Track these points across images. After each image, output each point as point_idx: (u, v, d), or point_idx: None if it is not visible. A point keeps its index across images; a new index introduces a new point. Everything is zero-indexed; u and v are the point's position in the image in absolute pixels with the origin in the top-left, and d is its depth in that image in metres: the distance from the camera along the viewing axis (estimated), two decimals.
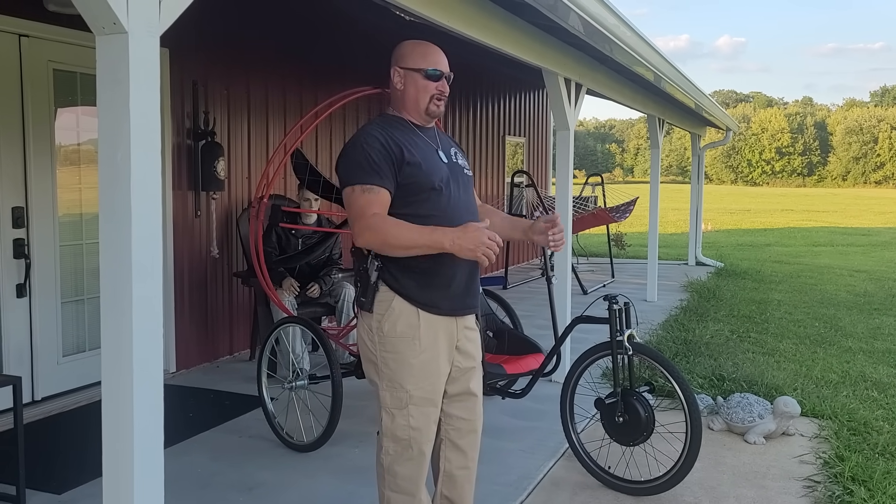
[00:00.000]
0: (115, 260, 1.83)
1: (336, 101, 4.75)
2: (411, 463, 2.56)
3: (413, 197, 2.49)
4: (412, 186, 2.49)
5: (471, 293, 2.65)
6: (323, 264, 5.70)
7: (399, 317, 2.50)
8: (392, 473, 2.59)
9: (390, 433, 2.55)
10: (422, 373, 2.52)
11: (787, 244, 18.01)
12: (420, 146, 2.56)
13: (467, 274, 2.60)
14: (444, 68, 2.59)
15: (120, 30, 1.77)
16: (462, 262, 2.51)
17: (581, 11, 4.11)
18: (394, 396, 2.53)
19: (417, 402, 2.52)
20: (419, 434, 2.54)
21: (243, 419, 4.60)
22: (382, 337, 2.53)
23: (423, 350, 2.51)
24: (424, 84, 2.56)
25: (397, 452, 2.56)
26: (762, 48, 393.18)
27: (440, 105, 2.60)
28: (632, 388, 3.61)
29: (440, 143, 2.66)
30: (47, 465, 3.83)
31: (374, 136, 2.49)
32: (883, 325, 7.71)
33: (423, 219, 2.46)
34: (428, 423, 2.56)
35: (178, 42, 5.41)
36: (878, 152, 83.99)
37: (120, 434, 1.85)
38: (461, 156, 2.74)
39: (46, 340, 4.76)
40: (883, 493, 3.52)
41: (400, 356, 2.51)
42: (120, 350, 1.83)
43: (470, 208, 2.64)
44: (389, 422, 2.55)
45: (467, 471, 2.78)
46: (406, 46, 2.62)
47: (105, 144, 1.83)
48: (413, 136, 2.58)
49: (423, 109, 2.59)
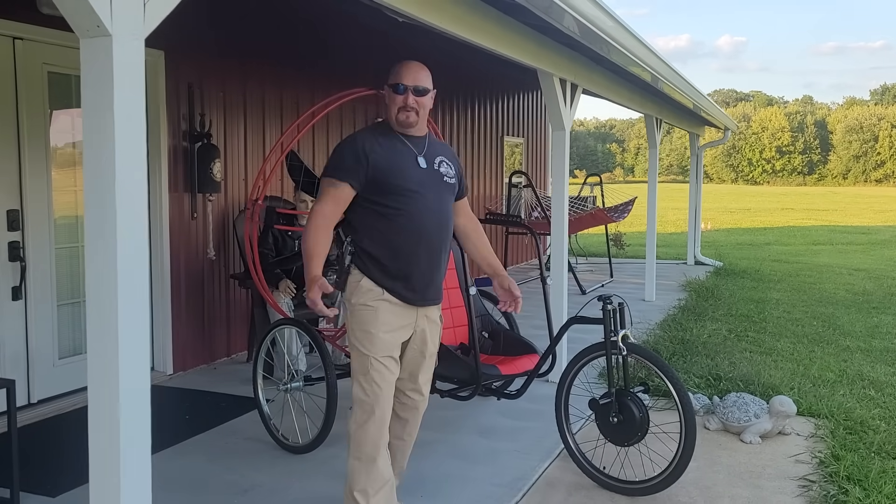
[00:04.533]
0: (101, 263, 1.82)
1: (332, 101, 4.75)
2: (373, 426, 2.88)
3: (381, 192, 2.87)
4: (380, 184, 2.86)
5: (431, 289, 3.00)
6: None
7: (366, 292, 2.89)
8: (357, 441, 2.91)
9: (357, 399, 2.91)
10: (382, 342, 2.88)
11: (786, 243, 18.00)
12: (397, 150, 2.92)
13: (427, 272, 2.95)
14: (409, 82, 2.89)
15: (104, 32, 1.77)
16: (421, 263, 2.91)
17: (576, 13, 4.10)
18: (360, 363, 2.90)
19: (378, 368, 2.87)
20: (378, 396, 2.87)
21: (240, 421, 4.59)
22: (351, 308, 2.93)
23: (383, 323, 2.88)
24: (393, 97, 2.91)
25: (362, 419, 2.89)
26: (763, 47, 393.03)
27: (408, 116, 2.90)
28: (626, 388, 3.60)
29: (426, 151, 2.99)
30: (42, 468, 3.83)
31: (354, 138, 2.92)
32: (881, 324, 7.70)
33: (394, 210, 2.86)
34: (387, 386, 2.90)
35: (174, 44, 5.42)
36: (879, 151, 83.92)
37: (107, 439, 1.85)
38: (449, 165, 3.05)
39: (42, 343, 4.76)
40: (878, 492, 3.52)
41: (364, 325, 2.88)
42: (106, 354, 1.83)
43: (439, 212, 2.96)
44: (357, 389, 2.91)
45: (402, 442, 3.19)
46: (394, 66, 2.96)
47: (90, 147, 1.83)
48: (393, 141, 2.94)
49: (394, 120, 2.93)
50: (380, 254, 2.89)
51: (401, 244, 2.88)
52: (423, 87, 2.91)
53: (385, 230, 2.89)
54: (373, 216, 2.89)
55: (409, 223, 2.87)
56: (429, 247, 2.93)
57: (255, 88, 6.30)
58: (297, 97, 6.73)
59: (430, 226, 2.92)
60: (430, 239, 2.93)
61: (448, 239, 3.04)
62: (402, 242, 2.88)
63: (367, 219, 2.91)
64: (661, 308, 8.47)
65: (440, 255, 2.99)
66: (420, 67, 2.95)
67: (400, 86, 2.89)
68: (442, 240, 2.98)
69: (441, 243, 2.98)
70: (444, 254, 3.02)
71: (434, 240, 2.94)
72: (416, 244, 2.90)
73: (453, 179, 3.04)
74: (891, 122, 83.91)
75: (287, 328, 4.69)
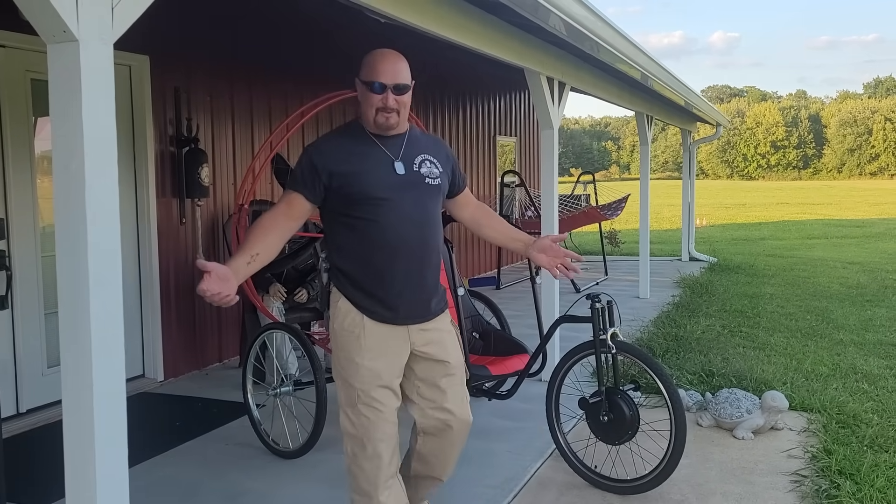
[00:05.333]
0: (72, 272, 1.81)
1: (320, 102, 4.74)
2: (368, 463, 2.58)
3: (348, 202, 2.56)
4: (344, 193, 2.55)
5: (418, 303, 2.65)
6: (310, 269, 5.67)
7: (346, 315, 2.61)
8: (352, 474, 2.65)
9: (346, 431, 2.63)
10: (369, 374, 2.56)
11: (781, 237, 18.00)
12: (365, 155, 2.59)
13: (407, 288, 2.61)
14: (388, 80, 2.52)
15: (70, 38, 1.75)
16: (398, 278, 2.59)
17: (562, 13, 4.08)
18: (346, 394, 2.62)
19: (366, 402, 2.56)
20: (370, 433, 2.56)
21: (230, 427, 4.57)
22: (333, 333, 2.65)
23: (368, 350, 2.57)
24: (369, 97, 2.56)
25: (354, 453, 2.61)
26: (756, 42, 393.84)
27: (388, 118, 2.56)
28: (616, 386, 3.59)
29: (404, 152, 2.64)
30: (29, 478, 3.80)
31: (314, 145, 2.64)
32: (875, 317, 7.70)
33: (363, 222, 2.56)
34: (379, 422, 2.57)
35: (159, 49, 5.40)
36: (873, 144, 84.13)
37: (82, 453, 1.82)
38: (433, 164, 2.68)
39: (30, 352, 4.73)
40: (870, 486, 3.50)
41: (346, 354, 2.60)
42: (79, 365, 1.80)
43: (418, 219, 2.61)
44: (345, 420, 2.62)
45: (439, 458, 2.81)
46: (366, 56, 2.61)
47: (59, 154, 1.81)
48: (363, 145, 2.61)
49: (371, 122, 2.59)
50: (352, 269, 2.60)
51: (374, 258, 2.57)
52: (403, 83, 2.55)
53: (356, 244, 2.59)
54: (343, 229, 2.61)
55: (381, 234, 2.55)
56: (408, 259, 2.59)
57: (243, 92, 6.28)
58: (284, 101, 6.71)
59: (408, 235, 2.58)
60: (407, 250, 2.59)
61: (434, 247, 2.68)
62: (375, 256, 2.57)
63: (337, 232, 2.64)
64: (656, 305, 8.45)
65: (423, 267, 2.64)
66: (398, 58, 2.58)
67: (376, 84, 2.52)
68: (424, 250, 2.63)
69: (423, 254, 2.63)
70: (428, 266, 2.66)
71: (413, 251, 2.60)
72: (390, 257, 2.57)
73: (437, 180, 2.66)
74: (884, 116, 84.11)
75: (277, 332, 4.67)
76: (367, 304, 2.59)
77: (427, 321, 2.69)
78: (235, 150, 6.24)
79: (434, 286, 2.72)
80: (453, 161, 2.83)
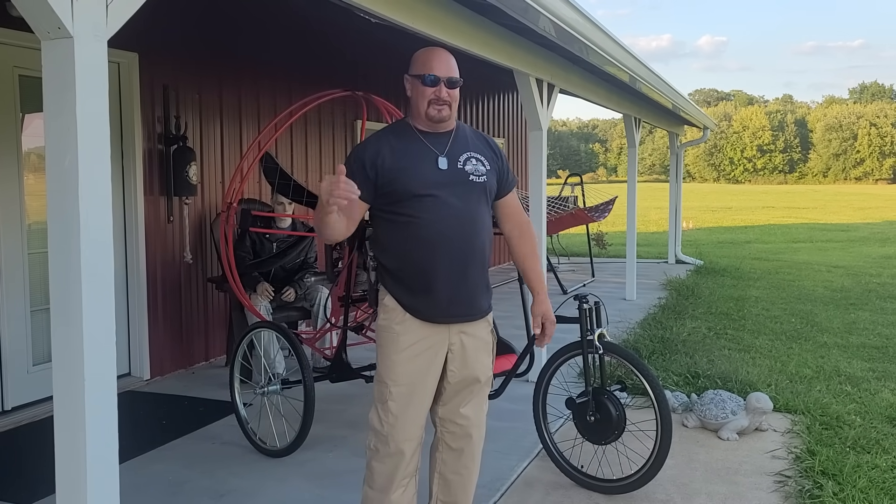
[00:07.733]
0: (65, 268, 1.80)
1: (310, 101, 4.74)
2: (389, 460, 2.64)
3: (392, 199, 2.61)
4: (390, 190, 2.60)
5: (460, 302, 2.66)
6: (298, 268, 5.67)
7: (389, 312, 2.66)
8: (370, 469, 2.70)
9: (373, 427, 2.67)
10: (403, 371, 2.61)
11: (766, 241, 18.14)
12: (411, 152, 2.63)
13: (450, 285, 2.62)
14: (442, 73, 2.61)
15: (65, 34, 1.75)
16: (441, 275, 2.60)
17: (551, 15, 4.10)
18: (379, 390, 2.66)
19: (396, 399, 2.61)
20: (397, 431, 2.61)
21: (217, 425, 4.56)
22: (377, 330, 2.71)
23: (405, 349, 2.61)
24: (422, 90, 2.62)
25: (377, 448, 2.66)
26: (743, 47, 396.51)
27: (441, 110, 2.62)
28: (603, 387, 3.61)
29: (450, 148, 2.68)
30: (16, 476, 3.78)
31: (363, 144, 2.68)
32: (858, 320, 7.78)
33: (405, 218, 2.60)
34: (407, 421, 2.61)
35: (148, 46, 5.39)
36: (858, 149, 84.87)
37: (73, 449, 1.82)
38: (480, 161, 2.71)
39: (16, 350, 4.70)
40: (853, 486, 3.55)
41: (384, 350, 2.65)
42: (71, 361, 1.80)
43: (463, 216, 2.63)
44: (374, 416, 2.67)
45: (460, 476, 2.84)
46: (416, 54, 2.69)
47: (52, 151, 1.81)
48: (409, 142, 2.66)
49: (423, 114, 2.64)
50: (396, 267, 2.64)
51: (417, 255, 2.60)
52: (455, 77, 2.63)
53: (400, 241, 2.62)
54: (388, 227, 2.64)
55: (424, 232, 2.57)
56: (450, 256, 2.60)
57: (232, 90, 6.27)
58: (274, 99, 6.70)
59: (451, 233, 2.59)
60: (451, 248, 2.60)
61: (480, 245, 2.68)
62: (418, 253, 2.59)
63: (382, 229, 2.68)
64: (642, 307, 8.50)
65: (467, 264, 2.64)
66: (449, 56, 2.66)
67: (430, 76, 2.59)
68: (469, 247, 2.64)
69: (468, 251, 2.64)
70: (472, 263, 2.66)
71: (457, 248, 2.61)
72: (433, 254, 2.58)
73: (483, 178, 2.68)
74: (869, 121, 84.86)
75: (264, 331, 4.67)
76: (408, 300, 2.63)
77: (470, 321, 2.70)
78: (224, 148, 6.23)
79: (477, 284, 2.71)
80: (505, 160, 2.85)
